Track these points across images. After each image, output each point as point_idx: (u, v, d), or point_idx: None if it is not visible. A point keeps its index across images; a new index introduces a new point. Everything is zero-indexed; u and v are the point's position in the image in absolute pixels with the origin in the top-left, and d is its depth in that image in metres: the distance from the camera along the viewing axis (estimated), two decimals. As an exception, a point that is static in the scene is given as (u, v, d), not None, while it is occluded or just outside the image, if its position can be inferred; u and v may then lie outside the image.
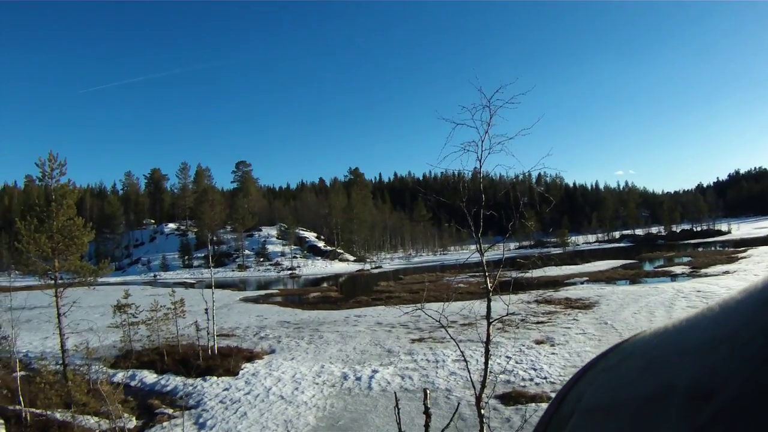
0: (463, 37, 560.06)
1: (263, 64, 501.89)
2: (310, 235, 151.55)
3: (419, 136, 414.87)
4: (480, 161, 12.55)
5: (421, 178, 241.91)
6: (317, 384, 25.90)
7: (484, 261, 12.22)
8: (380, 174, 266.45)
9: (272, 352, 33.67)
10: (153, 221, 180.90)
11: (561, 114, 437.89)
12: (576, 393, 0.74)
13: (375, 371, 27.24)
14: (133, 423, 22.44)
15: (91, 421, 22.52)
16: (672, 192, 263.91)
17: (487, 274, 12.29)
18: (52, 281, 29.46)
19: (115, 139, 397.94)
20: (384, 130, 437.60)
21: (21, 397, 22.59)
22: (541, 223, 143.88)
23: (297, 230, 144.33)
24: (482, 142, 12.40)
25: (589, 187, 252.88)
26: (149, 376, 29.93)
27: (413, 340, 34.48)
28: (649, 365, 0.64)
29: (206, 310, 32.75)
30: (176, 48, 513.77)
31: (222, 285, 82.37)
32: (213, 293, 34.03)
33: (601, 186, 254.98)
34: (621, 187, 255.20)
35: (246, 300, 69.69)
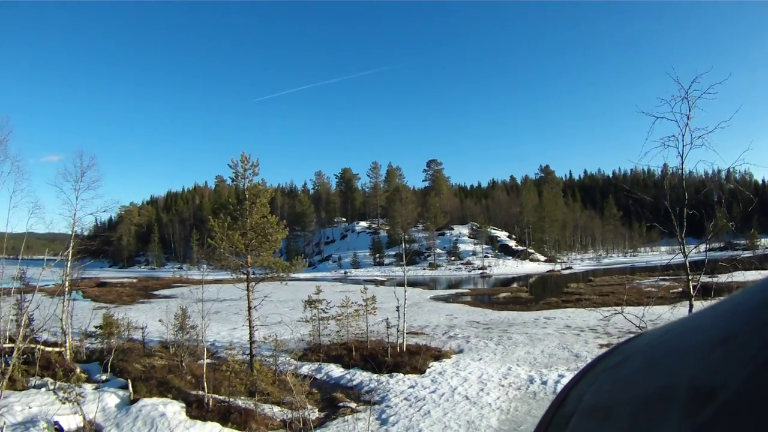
0: (657, 23, 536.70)
1: (453, 62, 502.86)
2: (502, 234, 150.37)
3: (610, 131, 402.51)
4: (682, 157, 11.72)
5: (610, 176, 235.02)
6: (503, 386, 25.22)
7: (687, 263, 11.38)
8: (570, 171, 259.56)
9: (460, 351, 33.15)
10: (344, 219, 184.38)
11: (737, 102, 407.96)
12: (577, 393, 0.74)
13: (561, 376, 26.19)
14: (315, 414, 22.60)
15: (275, 410, 22.93)
16: None
17: (690, 277, 11.44)
18: (245, 276, 30.23)
19: (306, 141, 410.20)
20: (575, 125, 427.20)
21: (205, 383, 23.17)
22: (733, 224, 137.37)
23: (488, 229, 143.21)
24: (683, 136, 11.57)
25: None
26: (336, 370, 30.14)
27: (601, 345, 33.14)
28: (650, 365, 0.64)
29: (397, 307, 32.64)
30: (366, 50, 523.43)
31: (413, 283, 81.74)
32: (405, 291, 33.86)
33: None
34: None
35: (436, 299, 69.36)
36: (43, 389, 23.86)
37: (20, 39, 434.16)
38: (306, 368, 30.09)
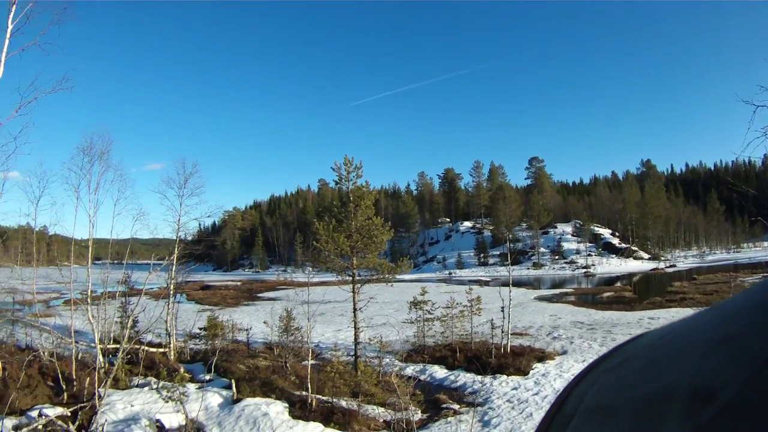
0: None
1: (551, 58, 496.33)
2: (605, 232, 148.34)
3: (711, 121, 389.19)
4: (784, 144, 11.17)
5: (712, 168, 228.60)
6: (605, 389, 24.53)
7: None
8: (672, 165, 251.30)
9: (564, 352, 32.68)
10: (448, 220, 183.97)
11: None
12: (578, 394, 0.73)
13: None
14: (418, 416, 22.47)
15: (377, 410, 22.94)
16: None
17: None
18: (350, 277, 30.53)
19: (407, 142, 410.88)
20: (675, 115, 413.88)
21: (309, 384, 23.29)
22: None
23: (592, 227, 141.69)
24: (785, 122, 11.06)
25: None
26: (439, 372, 30.03)
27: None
28: (650, 366, 0.64)
29: (502, 308, 32.32)
30: (464, 48, 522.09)
31: (517, 283, 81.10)
32: (510, 291, 33.71)
33: None
34: None
35: (540, 299, 69.06)
36: (146, 388, 24.45)
37: (124, 50, 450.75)
38: (410, 369, 30.13)
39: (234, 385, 24.14)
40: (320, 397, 23.53)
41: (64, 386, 23.09)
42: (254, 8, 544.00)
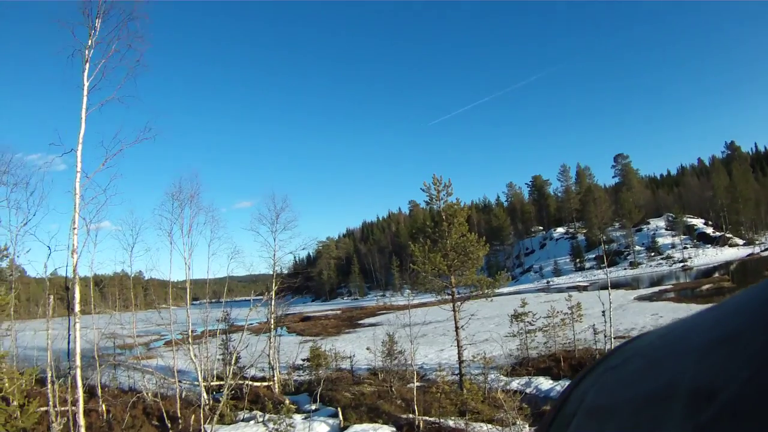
0: None
1: (626, 54, 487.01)
2: (698, 222, 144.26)
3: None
4: None
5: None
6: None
7: None
8: (755, 144, 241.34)
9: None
10: (541, 228, 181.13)
11: None
12: (579, 393, 0.75)
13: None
14: (526, 429, 22.06)
15: (485, 427, 22.66)
16: None
17: None
18: (450, 296, 30.46)
19: (491, 153, 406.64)
20: (757, 92, 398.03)
21: (416, 406, 23.12)
22: None
23: (684, 218, 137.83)
24: None
25: None
26: (544, 383, 29.64)
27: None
28: (651, 365, 0.65)
29: (603, 312, 31.73)
30: (540, 52, 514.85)
31: (615, 285, 78.15)
32: (609, 294, 32.67)
33: None
34: None
35: (640, 298, 68.06)
36: (252, 422, 24.82)
37: (203, 88, 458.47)
38: (515, 383, 29.82)
39: (340, 412, 24.35)
40: (427, 418, 23.38)
41: (169, 425, 23.73)
42: (331, 37, 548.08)
